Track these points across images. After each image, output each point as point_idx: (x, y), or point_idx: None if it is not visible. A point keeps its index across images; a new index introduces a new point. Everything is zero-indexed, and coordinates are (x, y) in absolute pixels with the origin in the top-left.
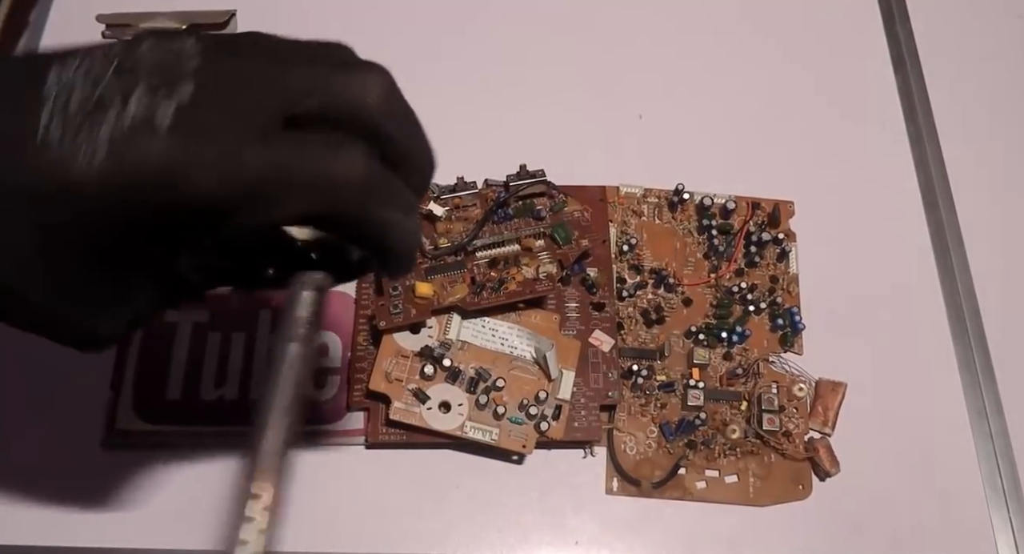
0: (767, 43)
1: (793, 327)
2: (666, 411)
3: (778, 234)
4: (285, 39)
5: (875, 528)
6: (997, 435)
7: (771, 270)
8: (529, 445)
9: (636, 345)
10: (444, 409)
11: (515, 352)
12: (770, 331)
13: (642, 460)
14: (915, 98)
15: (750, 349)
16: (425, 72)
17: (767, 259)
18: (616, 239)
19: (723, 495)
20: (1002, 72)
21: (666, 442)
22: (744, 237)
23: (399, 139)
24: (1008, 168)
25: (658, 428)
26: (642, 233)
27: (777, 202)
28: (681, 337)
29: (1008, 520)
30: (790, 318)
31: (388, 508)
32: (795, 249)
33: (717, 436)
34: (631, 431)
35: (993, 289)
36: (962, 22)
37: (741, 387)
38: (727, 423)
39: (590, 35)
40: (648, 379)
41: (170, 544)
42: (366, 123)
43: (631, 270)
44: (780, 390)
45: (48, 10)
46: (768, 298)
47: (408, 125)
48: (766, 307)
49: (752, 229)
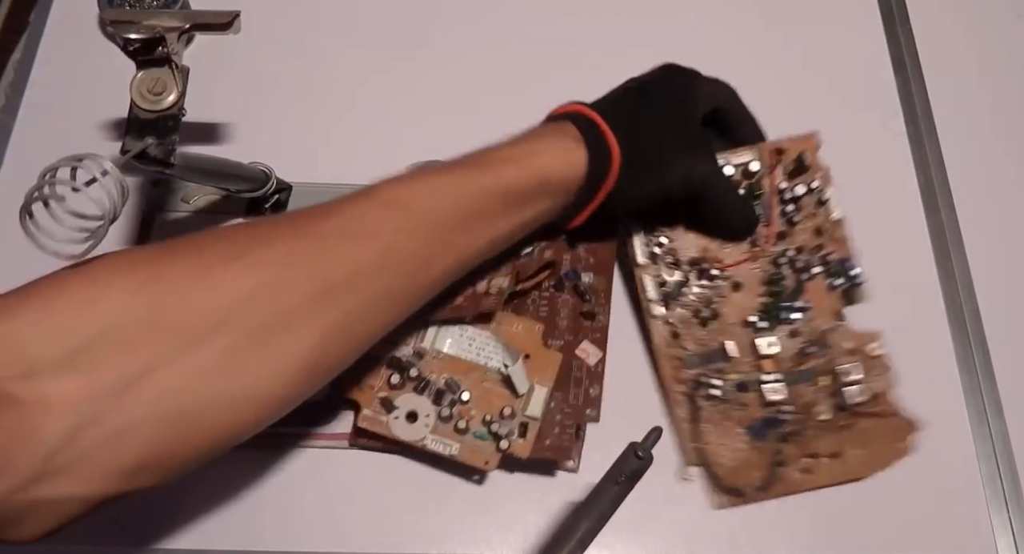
0: (767, 43)
1: (851, 280)
2: (748, 410)
3: (811, 182)
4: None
5: (875, 528)
6: (997, 436)
7: (813, 221)
8: (492, 462)
9: (697, 349)
10: (411, 419)
11: (489, 364)
12: (828, 291)
13: (738, 467)
14: (915, 98)
15: (815, 318)
16: (422, 71)
17: (805, 210)
18: (642, 245)
19: (827, 477)
20: (1002, 72)
21: (757, 442)
22: (777, 196)
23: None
24: (1008, 168)
25: (745, 430)
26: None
27: (800, 141)
28: (739, 326)
29: (1008, 520)
30: (846, 272)
31: (388, 508)
32: (831, 191)
33: (807, 421)
34: (720, 441)
35: (993, 289)
36: (962, 22)
37: (816, 361)
38: (814, 405)
39: (590, 34)
40: (719, 384)
41: (171, 544)
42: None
43: (668, 268)
44: (856, 355)
45: (48, 10)
46: (818, 254)
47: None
48: (820, 269)
49: (783, 185)
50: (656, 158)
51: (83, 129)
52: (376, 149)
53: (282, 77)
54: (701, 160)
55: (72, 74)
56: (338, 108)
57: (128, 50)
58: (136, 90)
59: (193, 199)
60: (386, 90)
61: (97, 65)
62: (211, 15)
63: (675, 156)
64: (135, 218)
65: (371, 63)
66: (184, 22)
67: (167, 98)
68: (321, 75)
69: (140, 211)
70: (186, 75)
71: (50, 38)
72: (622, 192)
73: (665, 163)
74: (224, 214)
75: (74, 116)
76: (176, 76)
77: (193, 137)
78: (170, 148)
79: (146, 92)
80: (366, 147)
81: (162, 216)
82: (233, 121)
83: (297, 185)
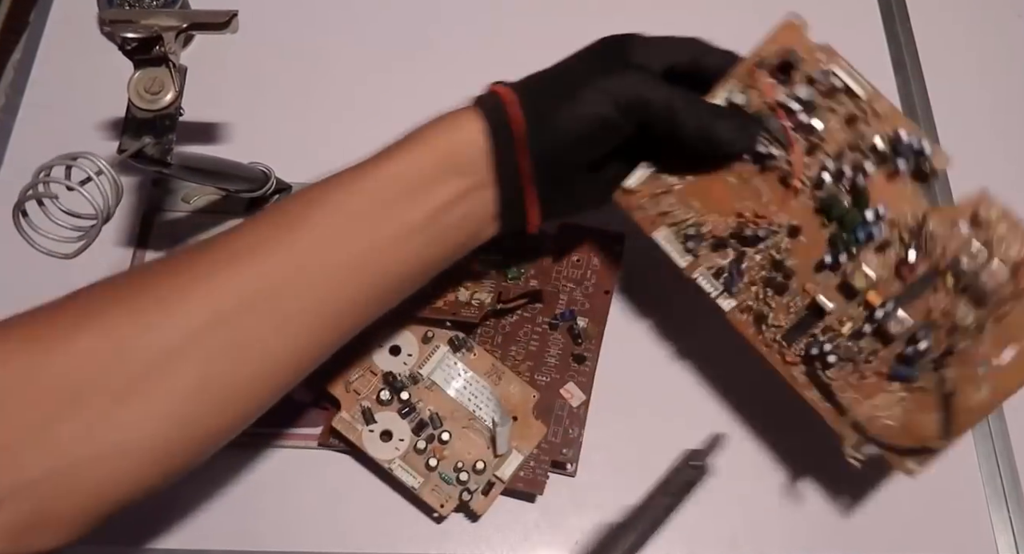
0: None
1: (916, 154)
2: (881, 356)
3: (811, 72)
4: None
5: (875, 528)
6: (997, 435)
7: (838, 115)
8: (447, 507)
9: (791, 320)
10: (385, 438)
11: (477, 412)
12: (895, 181)
13: (907, 422)
14: (915, 98)
15: (897, 219)
16: (422, 71)
17: (822, 107)
18: (676, 247)
19: (1015, 380)
20: (1002, 72)
21: (912, 385)
22: (781, 109)
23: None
24: (1008, 168)
25: (890, 379)
26: (690, 203)
27: (776, 36)
28: (821, 273)
29: (1008, 520)
30: (903, 149)
31: (388, 508)
32: (843, 68)
33: (955, 334)
34: (872, 403)
35: None
36: (962, 22)
37: (925, 263)
38: (951, 313)
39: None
40: (834, 342)
41: (170, 544)
42: None
43: (716, 252)
44: (971, 231)
45: (48, 10)
46: (860, 147)
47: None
48: (871, 162)
49: (781, 97)
50: (566, 90)
51: (83, 129)
52: (376, 149)
53: (282, 77)
54: (626, 78)
55: (72, 74)
56: (338, 108)
57: (125, 49)
58: (133, 89)
59: (193, 199)
60: (386, 90)
61: (97, 65)
62: (208, 15)
63: (587, 80)
64: (135, 218)
65: (371, 63)
66: (181, 21)
67: (164, 97)
68: (321, 75)
69: (140, 211)
70: (184, 74)
71: (50, 38)
72: (542, 143)
73: (577, 88)
74: (224, 214)
75: (74, 116)
76: (174, 75)
77: (193, 137)
78: (167, 147)
79: (143, 91)
80: (366, 147)
81: (162, 216)
82: (233, 121)
83: (297, 185)
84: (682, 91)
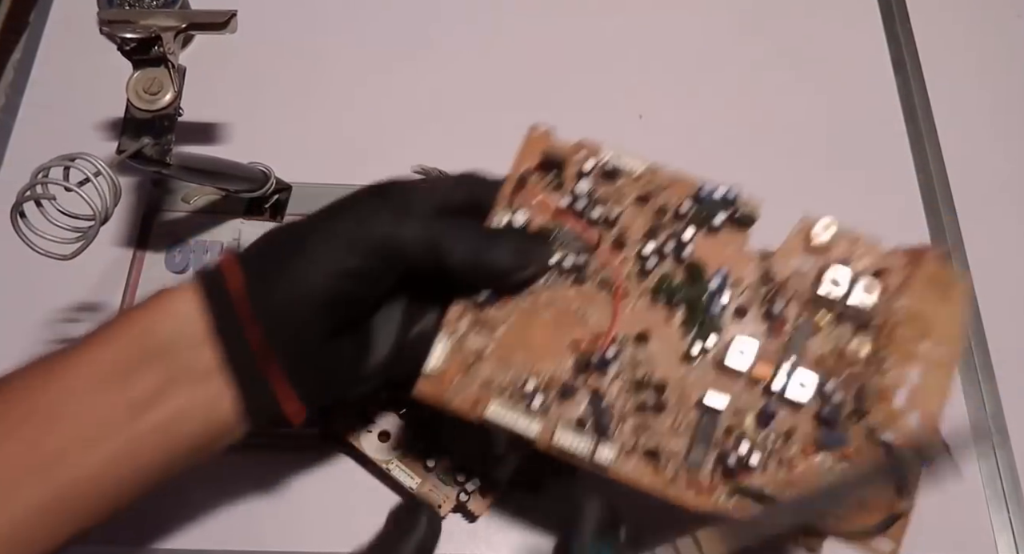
0: (767, 43)
1: (728, 204)
2: (800, 434)
3: (579, 168)
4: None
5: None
6: (997, 435)
7: (629, 194)
8: (445, 508)
9: (684, 441)
10: (383, 438)
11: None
12: (716, 236)
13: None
14: (915, 98)
15: (738, 275)
16: (422, 71)
17: (609, 198)
18: (513, 409)
19: (937, 396)
20: (1002, 72)
21: (839, 447)
22: (566, 214)
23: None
24: (1008, 168)
25: (821, 454)
26: (512, 361)
27: (525, 144)
28: (692, 369)
29: (1008, 520)
30: (713, 202)
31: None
32: (608, 154)
33: (859, 370)
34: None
35: (993, 290)
36: (962, 22)
37: (793, 309)
38: (844, 350)
39: (590, 35)
40: (748, 445)
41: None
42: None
43: (567, 400)
44: (818, 259)
45: (48, 10)
46: (666, 217)
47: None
48: (686, 226)
49: (563, 202)
50: (297, 244)
51: (83, 129)
52: (376, 149)
53: (281, 77)
54: (373, 222)
55: (72, 74)
56: (338, 108)
57: (124, 50)
58: (132, 90)
59: (193, 199)
60: (386, 90)
61: (97, 65)
62: (207, 15)
63: (325, 229)
64: (135, 218)
65: (371, 63)
66: (180, 22)
67: (163, 98)
68: (321, 75)
69: (140, 211)
70: (182, 75)
71: (50, 38)
72: (275, 308)
73: (310, 239)
74: (224, 214)
75: (74, 116)
76: (172, 76)
77: (193, 137)
78: (166, 148)
79: (142, 92)
80: (366, 147)
81: (161, 216)
82: (233, 121)
83: (297, 185)
84: (449, 223)
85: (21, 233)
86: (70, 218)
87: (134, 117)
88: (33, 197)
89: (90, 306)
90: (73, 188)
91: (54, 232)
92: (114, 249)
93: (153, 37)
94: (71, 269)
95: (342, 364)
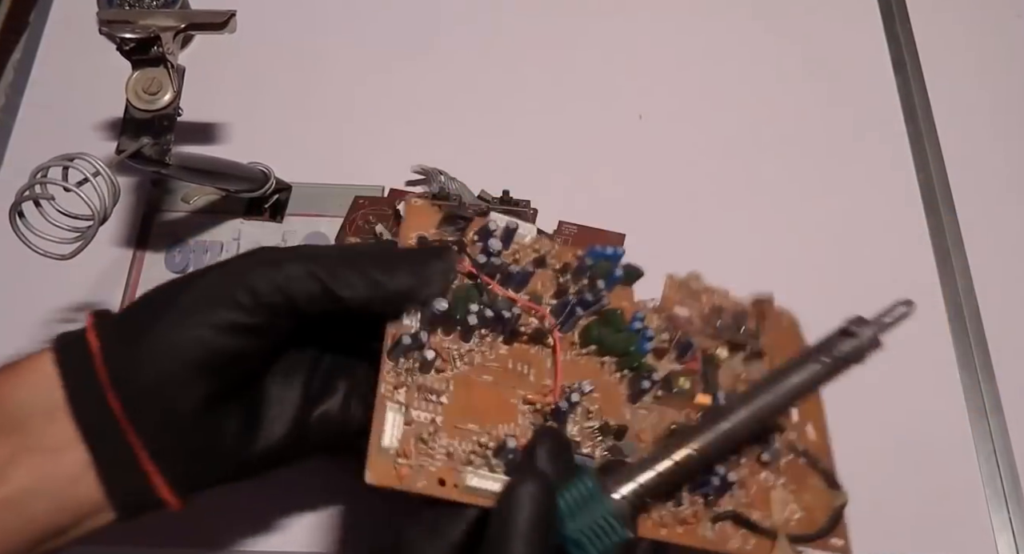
0: (767, 43)
1: (614, 259)
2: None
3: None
4: None
5: (875, 528)
6: (997, 434)
7: (524, 258)
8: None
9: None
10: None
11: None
12: (621, 288)
13: (807, 502)
14: (915, 98)
15: (648, 318)
16: (422, 72)
17: (507, 257)
18: (491, 472)
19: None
20: (1002, 72)
21: (781, 459)
22: (478, 270)
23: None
24: (1008, 168)
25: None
26: (467, 429)
27: (405, 217)
28: (640, 409)
29: (1008, 520)
30: (607, 260)
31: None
32: (501, 215)
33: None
34: (774, 505)
35: (993, 289)
36: (962, 22)
37: (700, 341)
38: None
39: (590, 35)
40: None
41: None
42: None
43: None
44: (689, 304)
45: (48, 10)
46: (572, 276)
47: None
48: (590, 281)
49: (476, 258)
50: (165, 300)
51: (83, 129)
52: (376, 149)
53: (281, 77)
54: (245, 269)
55: (72, 74)
56: (338, 108)
57: (123, 50)
58: (131, 90)
59: (193, 199)
60: (386, 90)
61: (97, 65)
62: (206, 15)
63: (194, 282)
64: (134, 218)
65: (371, 63)
66: (179, 22)
67: (162, 98)
68: (320, 75)
69: (139, 211)
70: (182, 75)
71: (50, 38)
72: (141, 371)
73: (181, 293)
74: (223, 214)
75: (74, 116)
76: (172, 76)
77: (192, 137)
78: (165, 148)
79: (141, 92)
80: (366, 147)
81: (161, 216)
82: (232, 121)
83: (297, 185)
84: (334, 257)
85: (20, 233)
86: (69, 218)
87: (133, 117)
88: (32, 197)
89: (90, 306)
90: (72, 188)
91: (53, 232)
92: (114, 249)
93: (152, 37)
94: (71, 269)
95: (224, 440)
